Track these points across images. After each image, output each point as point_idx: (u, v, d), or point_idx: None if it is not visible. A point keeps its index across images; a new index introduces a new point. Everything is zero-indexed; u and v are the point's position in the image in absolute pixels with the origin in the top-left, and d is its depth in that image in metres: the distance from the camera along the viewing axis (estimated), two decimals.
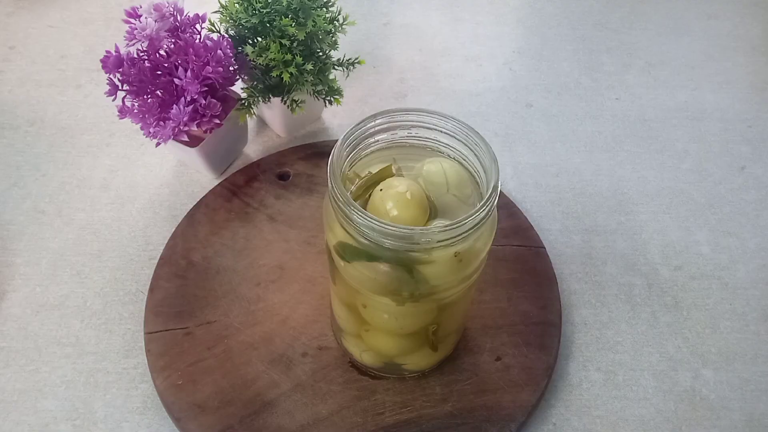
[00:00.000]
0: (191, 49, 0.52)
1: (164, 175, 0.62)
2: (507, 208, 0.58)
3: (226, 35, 0.57)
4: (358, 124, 0.37)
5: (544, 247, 0.55)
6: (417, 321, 0.41)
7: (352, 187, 0.38)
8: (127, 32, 0.51)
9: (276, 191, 0.59)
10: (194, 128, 0.53)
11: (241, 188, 0.59)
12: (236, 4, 0.55)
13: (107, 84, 0.51)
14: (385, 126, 0.38)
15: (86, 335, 0.51)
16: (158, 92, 0.53)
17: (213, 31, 0.58)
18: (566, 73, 0.75)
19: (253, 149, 0.65)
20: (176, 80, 0.52)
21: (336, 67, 0.60)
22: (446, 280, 0.37)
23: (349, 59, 0.61)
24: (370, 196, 0.37)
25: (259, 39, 0.56)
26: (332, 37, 0.58)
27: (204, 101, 0.53)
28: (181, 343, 0.49)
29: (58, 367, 0.49)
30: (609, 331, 0.53)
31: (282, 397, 0.46)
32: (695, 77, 0.75)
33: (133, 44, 0.51)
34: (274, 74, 0.56)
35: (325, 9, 0.56)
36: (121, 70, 0.51)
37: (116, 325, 0.52)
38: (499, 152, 0.64)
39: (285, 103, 0.59)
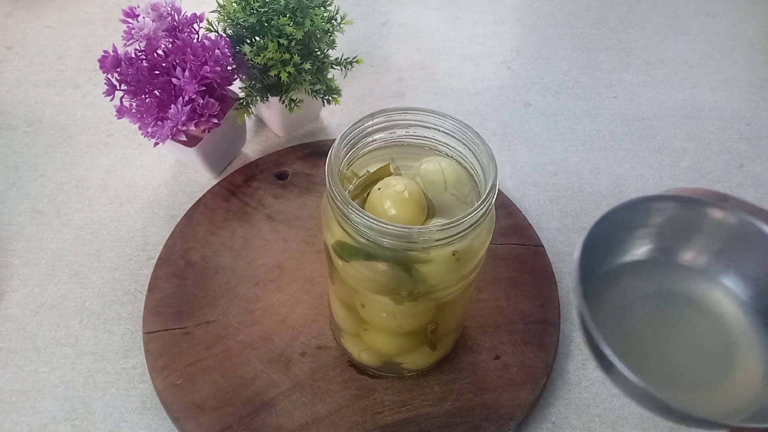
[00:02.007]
0: (189, 49, 0.52)
1: (162, 175, 0.62)
2: (505, 207, 0.58)
3: (224, 35, 0.57)
4: (356, 123, 0.37)
5: (543, 246, 0.55)
6: (415, 320, 0.41)
7: (351, 187, 0.38)
8: (125, 32, 0.51)
9: (274, 191, 0.59)
10: (192, 128, 0.53)
11: (240, 188, 0.59)
12: (234, 4, 0.55)
13: (105, 84, 0.51)
14: (383, 125, 0.38)
15: (85, 335, 0.51)
16: (156, 92, 0.53)
17: (211, 31, 0.58)
18: (564, 71, 0.75)
19: (252, 149, 0.65)
20: (174, 80, 0.52)
21: (334, 66, 0.60)
22: (444, 279, 0.37)
23: (348, 58, 0.61)
24: (368, 195, 0.37)
25: (257, 38, 0.56)
26: (330, 36, 0.58)
27: (202, 101, 0.53)
28: (180, 343, 0.49)
29: (57, 368, 0.49)
30: None
31: (281, 396, 0.46)
32: (693, 76, 0.75)
33: (131, 44, 0.51)
34: (272, 73, 0.55)
35: (323, 8, 0.56)
36: (119, 70, 0.51)
37: (115, 325, 0.52)
38: (497, 151, 0.64)
39: (283, 103, 0.59)
